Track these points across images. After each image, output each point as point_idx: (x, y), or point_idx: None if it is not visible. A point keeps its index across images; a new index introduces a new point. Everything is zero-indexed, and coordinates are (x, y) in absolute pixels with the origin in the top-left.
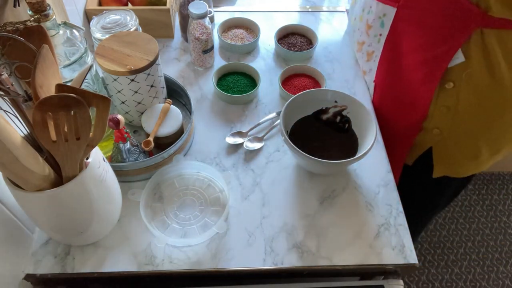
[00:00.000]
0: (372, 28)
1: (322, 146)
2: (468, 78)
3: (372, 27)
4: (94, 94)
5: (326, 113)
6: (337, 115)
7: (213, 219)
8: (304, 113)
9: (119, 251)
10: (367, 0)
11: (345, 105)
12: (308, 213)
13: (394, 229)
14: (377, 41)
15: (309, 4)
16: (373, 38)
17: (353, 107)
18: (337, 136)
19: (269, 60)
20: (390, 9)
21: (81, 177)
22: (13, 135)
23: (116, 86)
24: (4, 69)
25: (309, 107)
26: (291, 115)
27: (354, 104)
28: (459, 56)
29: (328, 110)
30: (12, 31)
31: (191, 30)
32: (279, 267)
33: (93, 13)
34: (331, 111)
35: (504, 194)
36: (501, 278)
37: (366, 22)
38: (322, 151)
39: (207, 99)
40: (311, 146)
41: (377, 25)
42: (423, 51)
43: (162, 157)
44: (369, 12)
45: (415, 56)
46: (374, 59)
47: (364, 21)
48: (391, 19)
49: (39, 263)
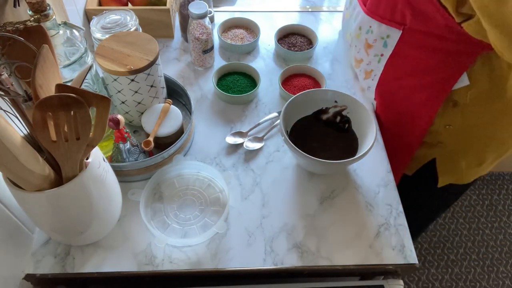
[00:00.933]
0: (373, 48)
1: (322, 146)
2: (472, 97)
3: (373, 46)
4: (94, 94)
5: (326, 113)
6: (337, 115)
7: (213, 219)
8: (304, 113)
9: (119, 251)
10: (365, 19)
11: (345, 105)
12: (308, 213)
13: (394, 229)
14: (377, 60)
15: (309, 4)
16: (373, 57)
17: (353, 107)
18: (337, 136)
19: (269, 60)
20: (395, 31)
21: (81, 177)
22: (13, 135)
23: (116, 86)
24: (4, 69)
25: (309, 107)
26: (291, 115)
27: (354, 104)
28: (463, 79)
29: (328, 110)
30: (12, 31)
31: (191, 30)
32: (279, 267)
33: (93, 13)
34: (331, 111)
35: (504, 194)
36: (501, 278)
37: (365, 41)
38: (322, 151)
39: (207, 99)
40: (311, 146)
41: (379, 45)
42: (427, 74)
43: (162, 157)
44: (369, 31)
45: (418, 79)
46: (372, 77)
47: (362, 40)
48: (395, 41)
49: (39, 263)
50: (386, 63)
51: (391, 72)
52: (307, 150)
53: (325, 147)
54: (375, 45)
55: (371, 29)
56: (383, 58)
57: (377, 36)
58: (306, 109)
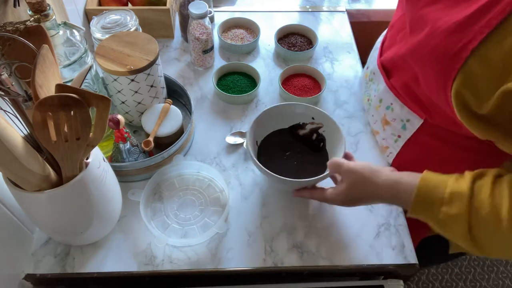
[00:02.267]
0: (391, 126)
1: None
2: None
3: (391, 125)
4: (94, 94)
5: (303, 129)
6: (314, 132)
7: (213, 219)
8: (279, 125)
9: (119, 251)
10: (387, 95)
11: (321, 123)
12: (308, 213)
13: (394, 229)
14: (394, 140)
15: (309, 4)
16: (390, 136)
17: (328, 127)
18: (309, 153)
19: (269, 60)
20: (416, 117)
21: (81, 177)
22: (13, 135)
23: (116, 86)
24: (4, 69)
25: (285, 120)
26: (264, 127)
27: (330, 124)
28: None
29: (305, 126)
30: (12, 31)
31: (191, 30)
32: (279, 267)
33: (93, 13)
34: (308, 127)
35: None
36: (501, 278)
37: (383, 116)
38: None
39: (207, 99)
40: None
41: (398, 126)
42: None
43: (162, 157)
44: (389, 108)
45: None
46: (388, 154)
47: (381, 113)
48: (415, 128)
49: (39, 263)
50: (403, 146)
51: (408, 155)
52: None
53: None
54: (393, 124)
55: (391, 107)
56: (401, 140)
57: (397, 117)
58: (282, 121)
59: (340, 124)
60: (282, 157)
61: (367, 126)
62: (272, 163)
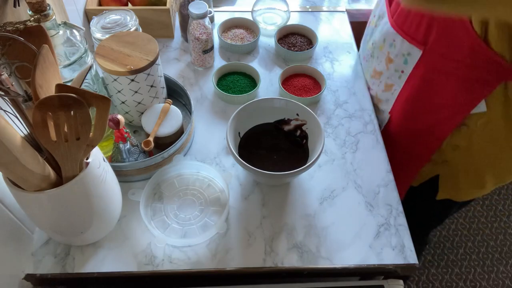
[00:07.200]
0: (393, 62)
1: (270, 156)
2: (483, 125)
3: (394, 61)
4: (94, 94)
5: (288, 124)
6: (298, 129)
7: (213, 219)
8: (263, 120)
9: (119, 251)
10: (390, 32)
11: (305, 120)
12: (308, 213)
13: (394, 229)
14: (397, 76)
15: (309, 4)
16: (393, 73)
17: (311, 124)
18: (290, 148)
19: (269, 60)
20: (415, 50)
21: (81, 177)
22: (13, 135)
23: (116, 86)
24: (4, 69)
25: (270, 114)
26: (248, 119)
27: (313, 121)
28: (481, 106)
29: (290, 121)
30: (12, 31)
31: (191, 30)
32: (279, 267)
33: (93, 13)
34: (293, 123)
35: (504, 194)
36: (501, 278)
37: (387, 54)
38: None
39: (207, 99)
40: (260, 154)
41: (399, 61)
42: (446, 98)
43: (162, 157)
44: (392, 45)
45: (438, 101)
46: (392, 92)
47: (384, 52)
48: (415, 60)
49: (39, 263)
50: (406, 81)
51: (410, 90)
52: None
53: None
54: (396, 60)
55: (394, 43)
56: (404, 75)
57: (398, 52)
58: (267, 116)
59: (340, 124)
60: (263, 150)
61: (367, 126)
62: (252, 155)
